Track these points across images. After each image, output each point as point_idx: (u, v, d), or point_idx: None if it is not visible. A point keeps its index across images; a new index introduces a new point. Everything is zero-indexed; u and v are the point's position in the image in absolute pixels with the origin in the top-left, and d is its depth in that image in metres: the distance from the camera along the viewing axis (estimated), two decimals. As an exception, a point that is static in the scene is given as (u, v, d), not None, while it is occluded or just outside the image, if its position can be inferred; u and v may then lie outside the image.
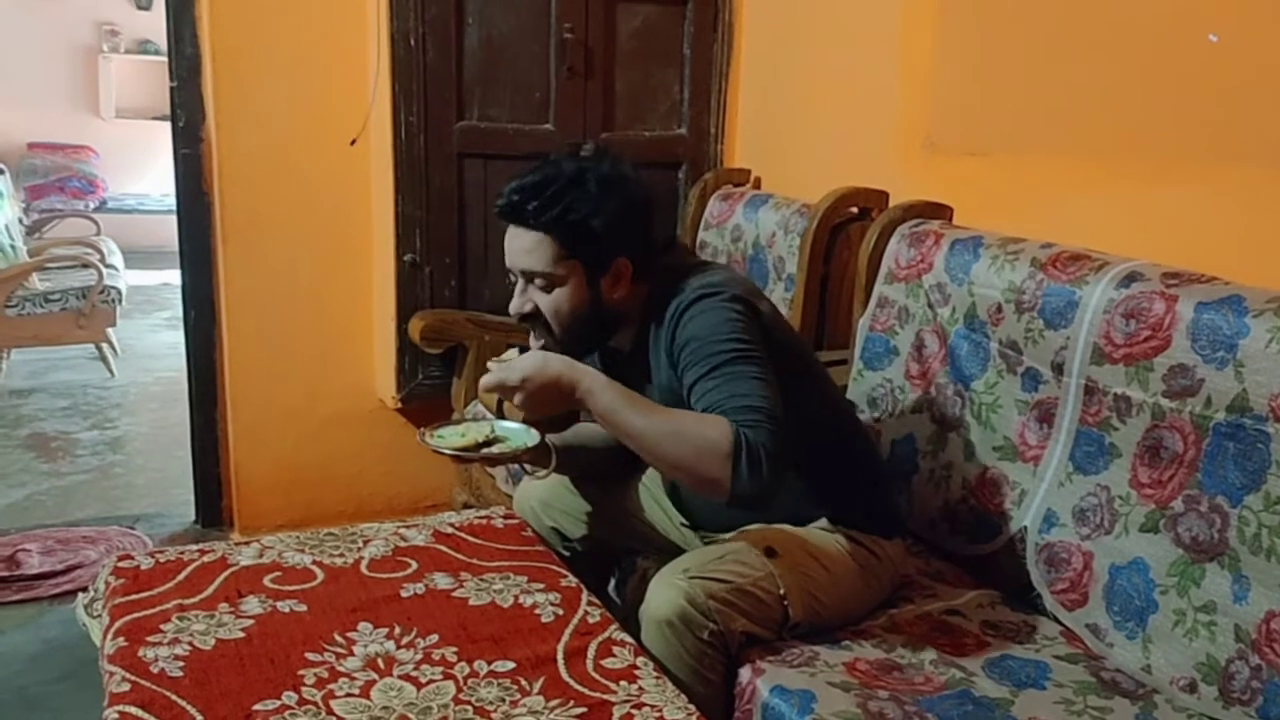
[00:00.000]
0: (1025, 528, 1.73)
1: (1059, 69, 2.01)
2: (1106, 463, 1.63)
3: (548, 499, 1.90)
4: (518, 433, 1.69)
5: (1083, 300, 1.67)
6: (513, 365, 1.54)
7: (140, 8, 7.25)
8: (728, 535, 1.71)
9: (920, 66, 2.33)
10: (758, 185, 2.87)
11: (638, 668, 1.41)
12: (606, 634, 1.49)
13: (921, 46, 2.32)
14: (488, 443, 1.65)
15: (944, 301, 1.94)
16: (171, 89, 2.80)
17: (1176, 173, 1.79)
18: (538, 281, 1.61)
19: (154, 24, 6.81)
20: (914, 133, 2.36)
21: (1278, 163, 1.60)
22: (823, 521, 1.71)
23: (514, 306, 1.65)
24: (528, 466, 1.86)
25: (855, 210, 2.29)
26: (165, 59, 2.86)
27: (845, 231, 2.27)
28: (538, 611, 1.54)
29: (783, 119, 2.85)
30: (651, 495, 1.88)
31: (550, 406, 1.55)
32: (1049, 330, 1.72)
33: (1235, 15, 1.67)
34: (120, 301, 4.61)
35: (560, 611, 1.54)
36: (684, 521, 1.83)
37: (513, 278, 1.65)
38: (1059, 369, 1.70)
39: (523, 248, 1.60)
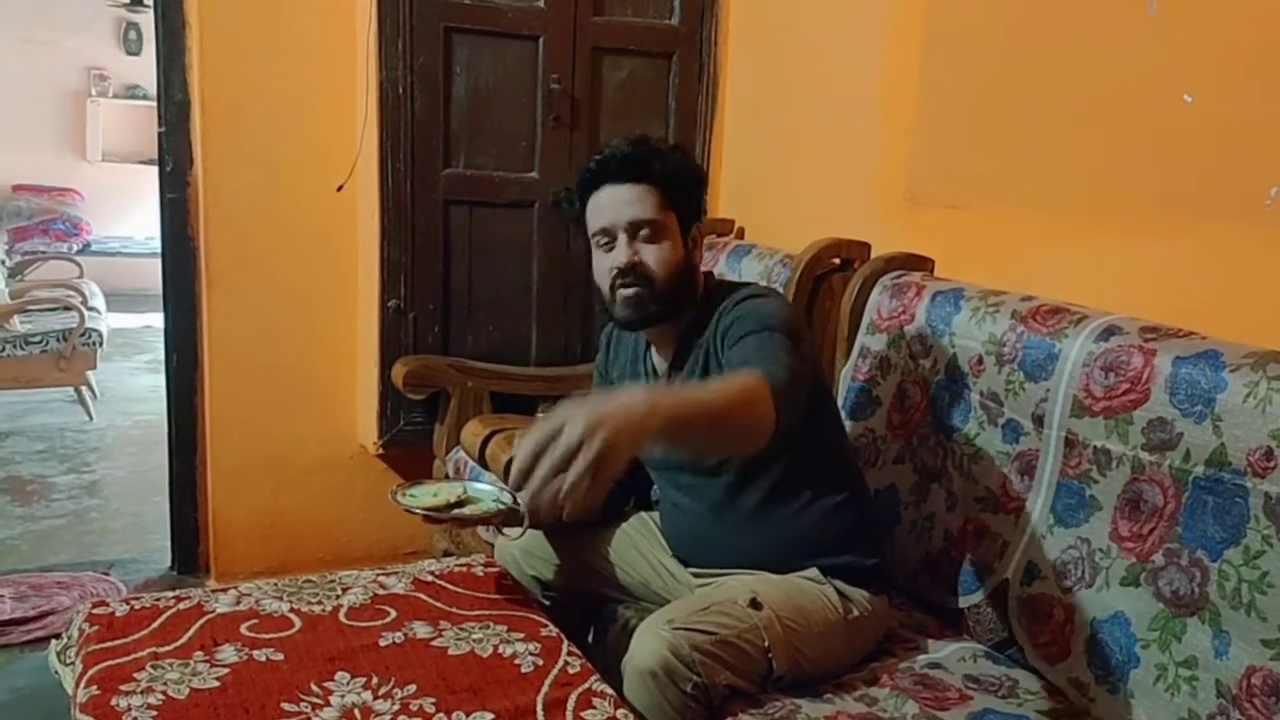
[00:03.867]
0: (1007, 580, 1.73)
1: (1039, 125, 2.04)
2: (1087, 515, 1.63)
3: (529, 547, 1.89)
4: (490, 493, 1.70)
5: (1062, 353, 1.68)
6: (552, 419, 1.22)
7: (130, 53, 7.31)
8: (717, 573, 1.72)
9: (902, 120, 2.37)
10: (741, 235, 2.90)
11: (618, 719, 1.40)
12: (587, 685, 1.47)
13: (903, 101, 2.36)
14: (459, 503, 1.65)
15: (925, 353, 1.95)
16: (160, 134, 2.82)
17: (1153, 228, 1.82)
18: (644, 233, 1.67)
19: (143, 69, 6.87)
20: (896, 185, 2.39)
21: (1251, 218, 1.63)
22: (812, 571, 1.71)
23: (619, 259, 1.68)
24: (503, 528, 1.85)
25: (838, 261, 2.30)
26: (153, 104, 2.88)
27: (828, 282, 2.28)
28: (517, 661, 1.52)
29: (766, 170, 2.88)
30: (634, 543, 1.87)
31: (632, 442, 1.23)
32: (1029, 382, 1.73)
33: (1208, 77, 1.71)
34: (101, 344, 4.59)
35: (540, 662, 1.52)
36: (674, 553, 1.82)
37: (604, 240, 1.70)
38: (1039, 421, 1.71)
39: (628, 199, 1.68)
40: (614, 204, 1.68)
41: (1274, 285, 1.61)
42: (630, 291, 1.68)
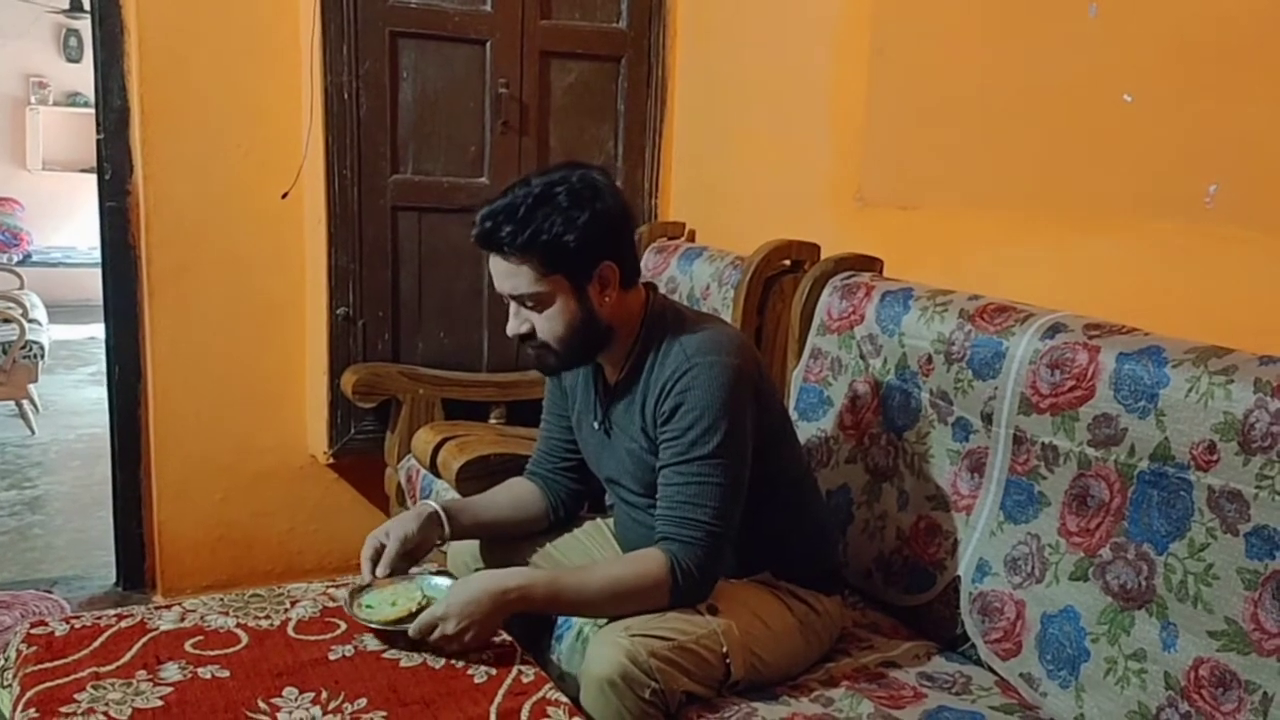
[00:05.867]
0: (959, 577, 1.74)
1: (984, 126, 2.06)
2: (1036, 511, 1.65)
3: (483, 556, 1.87)
4: (447, 588, 1.64)
5: (1009, 351, 1.70)
6: (438, 609, 1.54)
7: (70, 60, 7.17)
8: None
9: (850, 122, 2.38)
10: (692, 238, 2.90)
11: (572, 728, 1.39)
12: (541, 694, 1.46)
13: (851, 103, 2.37)
14: (421, 608, 1.58)
15: (876, 352, 1.96)
16: (98, 141, 2.76)
17: (1096, 226, 1.84)
18: (527, 303, 1.62)
19: (83, 76, 6.73)
20: (845, 187, 2.40)
21: (1191, 215, 1.66)
22: (766, 575, 1.71)
23: (510, 329, 1.66)
24: None
25: (788, 263, 2.31)
26: (94, 111, 2.81)
27: (778, 284, 2.29)
28: (470, 672, 1.50)
29: (716, 173, 2.88)
30: (588, 550, 1.86)
31: (495, 623, 1.58)
32: (978, 380, 1.74)
33: (1147, 77, 1.73)
34: (43, 357, 4.49)
35: (493, 671, 1.51)
36: None
37: (505, 300, 1.66)
38: (988, 419, 1.72)
39: (503, 273, 1.61)
40: (497, 273, 1.62)
41: (1213, 281, 1.63)
42: (532, 352, 1.68)
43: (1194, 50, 1.66)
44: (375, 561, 1.69)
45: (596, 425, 1.76)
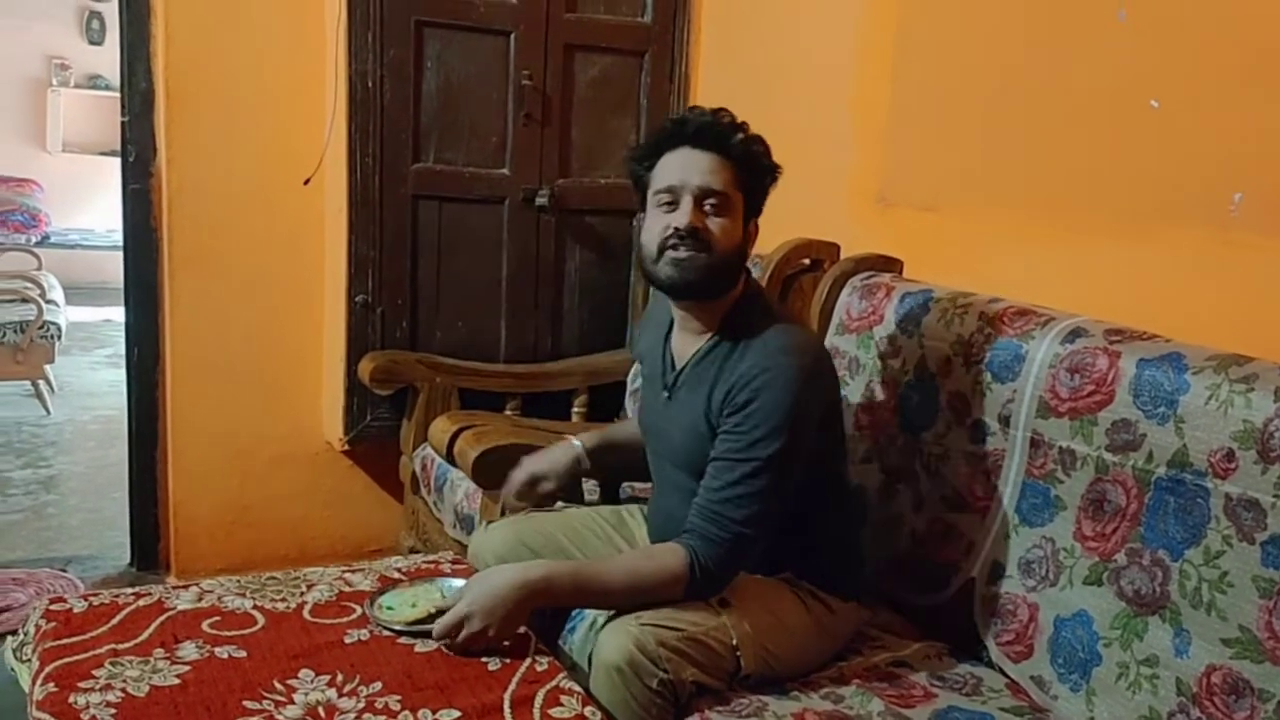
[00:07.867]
0: (973, 579, 1.74)
1: (1009, 129, 2.06)
2: (1051, 515, 1.65)
3: (503, 554, 1.82)
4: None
5: (1029, 354, 1.70)
6: (461, 607, 1.52)
7: (92, 43, 7.19)
8: None
9: (873, 122, 2.38)
10: (712, 235, 2.89)
11: (585, 717, 1.39)
12: (554, 682, 1.47)
13: (875, 103, 2.37)
14: (440, 611, 1.57)
15: (894, 353, 1.96)
16: (123, 123, 2.78)
17: (1120, 231, 1.84)
18: (711, 202, 1.63)
19: (105, 59, 6.76)
20: (866, 187, 2.40)
21: (1216, 222, 1.65)
22: (787, 574, 1.71)
23: (680, 220, 1.62)
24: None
25: (808, 261, 2.31)
26: (115, 94, 2.84)
27: (798, 282, 2.29)
28: (485, 659, 1.51)
29: (737, 170, 2.88)
30: (602, 543, 1.87)
31: (520, 618, 1.55)
32: (996, 383, 1.74)
33: (1175, 83, 1.73)
34: (59, 337, 4.51)
35: (508, 659, 1.52)
36: None
37: (667, 199, 1.64)
38: (1006, 422, 1.72)
39: (705, 167, 1.63)
40: (689, 166, 1.63)
41: (1237, 289, 1.63)
42: (683, 254, 1.62)
43: (1221, 57, 1.66)
44: (524, 490, 1.93)
45: (667, 395, 1.75)
